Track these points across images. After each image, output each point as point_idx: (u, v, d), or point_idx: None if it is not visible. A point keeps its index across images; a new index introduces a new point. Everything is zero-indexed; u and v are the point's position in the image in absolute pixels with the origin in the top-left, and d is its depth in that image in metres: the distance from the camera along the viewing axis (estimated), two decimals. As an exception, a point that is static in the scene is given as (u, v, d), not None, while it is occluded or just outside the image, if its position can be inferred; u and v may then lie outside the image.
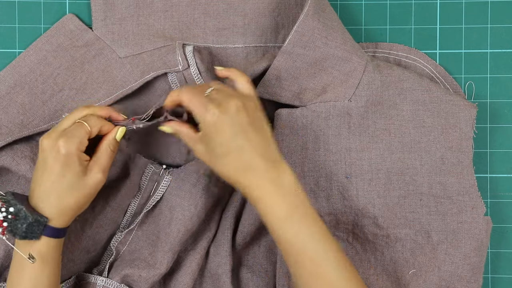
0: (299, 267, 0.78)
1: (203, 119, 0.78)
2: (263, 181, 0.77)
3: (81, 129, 0.80)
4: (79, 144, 0.79)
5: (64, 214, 0.80)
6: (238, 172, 0.78)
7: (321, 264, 0.77)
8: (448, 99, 0.92)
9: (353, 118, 0.92)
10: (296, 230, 0.77)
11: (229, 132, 0.77)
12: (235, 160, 0.78)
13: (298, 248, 0.77)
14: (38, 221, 0.79)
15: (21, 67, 0.93)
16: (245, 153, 0.77)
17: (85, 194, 0.81)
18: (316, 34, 0.89)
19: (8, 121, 0.91)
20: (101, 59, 0.94)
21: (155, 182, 0.91)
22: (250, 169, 0.77)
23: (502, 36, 0.97)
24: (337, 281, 0.77)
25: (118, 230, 0.92)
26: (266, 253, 0.93)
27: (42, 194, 0.80)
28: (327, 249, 0.78)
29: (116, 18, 0.95)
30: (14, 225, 0.78)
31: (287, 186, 0.78)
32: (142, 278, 0.88)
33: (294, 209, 0.77)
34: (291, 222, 0.77)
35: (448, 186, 0.91)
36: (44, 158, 0.80)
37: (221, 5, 0.95)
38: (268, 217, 0.78)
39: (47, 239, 0.80)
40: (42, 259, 0.80)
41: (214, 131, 0.77)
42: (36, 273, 0.80)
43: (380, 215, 0.91)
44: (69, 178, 0.79)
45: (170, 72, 0.91)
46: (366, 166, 0.92)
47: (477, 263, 0.91)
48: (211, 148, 0.78)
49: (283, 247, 0.78)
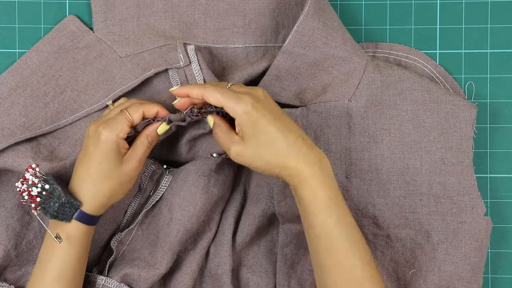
0: (330, 254, 0.78)
1: (238, 111, 0.78)
2: (307, 164, 0.78)
3: (122, 117, 0.81)
4: (119, 131, 0.81)
5: (98, 200, 0.81)
6: (283, 156, 0.78)
7: (352, 256, 0.78)
8: (448, 99, 0.92)
9: (353, 118, 0.92)
10: (335, 218, 0.78)
11: (267, 118, 0.78)
12: (279, 145, 0.78)
13: (335, 238, 0.78)
14: (71, 203, 0.80)
15: (23, 69, 0.93)
16: (288, 136, 0.78)
17: (120, 182, 0.82)
18: (316, 34, 0.89)
19: (10, 123, 0.91)
20: (102, 60, 0.94)
21: (155, 182, 0.91)
22: (293, 151, 0.78)
23: (502, 36, 0.97)
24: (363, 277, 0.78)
25: (118, 229, 0.92)
26: (266, 253, 0.93)
27: (78, 178, 0.82)
28: (358, 241, 0.79)
29: (116, 19, 0.95)
30: (47, 202, 0.80)
31: (327, 169, 0.79)
32: (141, 277, 0.88)
33: (334, 194, 0.78)
34: (331, 207, 0.78)
35: (448, 186, 0.91)
36: (86, 144, 0.82)
37: (221, 5, 0.95)
38: (310, 204, 0.78)
39: (77, 223, 0.81)
40: (71, 242, 0.81)
41: (252, 120, 0.78)
42: (64, 255, 0.81)
43: (380, 215, 0.91)
44: (106, 165, 0.81)
45: (171, 69, 0.91)
46: (366, 166, 0.92)
47: (477, 263, 0.91)
48: (254, 141, 0.78)
49: (317, 232, 0.78)
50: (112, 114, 0.83)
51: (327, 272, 0.79)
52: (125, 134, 0.82)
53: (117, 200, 0.84)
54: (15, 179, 0.91)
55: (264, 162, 0.79)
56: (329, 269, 0.78)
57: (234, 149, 0.80)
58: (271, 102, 0.80)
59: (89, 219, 0.82)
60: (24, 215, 0.91)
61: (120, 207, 0.91)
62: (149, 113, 0.83)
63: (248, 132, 0.78)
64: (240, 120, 0.78)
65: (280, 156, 0.78)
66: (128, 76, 0.92)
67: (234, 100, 0.78)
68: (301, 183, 0.78)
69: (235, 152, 0.80)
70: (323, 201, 0.78)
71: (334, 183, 0.79)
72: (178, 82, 0.91)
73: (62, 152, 0.90)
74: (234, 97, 0.78)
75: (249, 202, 0.92)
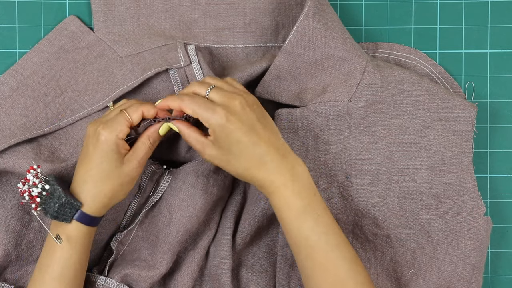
0: (311, 262, 0.78)
1: (213, 123, 0.78)
2: (279, 174, 0.78)
3: (121, 118, 0.81)
4: (119, 132, 0.81)
5: (98, 202, 0.81)
6: (255, 168, 0.79)
7: (333, 259, 0.78)
8: (448, 99, 0.91)
9: (353, 118, 0.92)
10: (311, 224, 0.78)
11: (240, 130, 0.78)
12: (251, 156, 0.78)
13: (312, 242, 0.78)
14: (71, 204, 0.80)
15: (23, 69, 0.93)
16: (259, 148, 0.78)
17: (121, 183, 0.82)
18: (316, 34, 0.89)
19: (11, 123, 0.91)
20: (102, 60, 0.94)
21: (155, 182, 0.91)
22: (265, 163, 0.78)
23: (502, 36, 0.96)
24: (347, 276, 0.78)
25: (118, 230, 0.92)
26: (266, 253, 0.93)
27: (79, 180, 0.82)
28: (339, 244, 0.79)
29: (116, 19, 0.95)
30: (47, 202, 0.80)
31: (301, 178, 0.79)
32: (141, 277, 0.88)
33: (309, 202, 0.79)
34: (306, 215, 0.78)
35: (448, 186, 0.91)
36: (86, 144, 0.82)
37: (222, 5, 0.95)
38: (283, 210, 0.79)
39: (78, 224, 0.81)
40: (71, 243, 0.81)
41: (226, 132, 0.78)
42: (65, 257, 0.81)
43: (380, 215, 0.91)
44: (106, 165, 0.81)
45: (172, 68, 0.91)
46: (366, 166, 0.92)
47: (477, 263, 0.91)
48: (226, 150, 0.79)
49: (295, 241, 0.79)
50: (112, 114, 0.83)
51: (310, 276, 0.79)
52: (125, 134, 0.82)
53: (118, 201, 0.84)
54: (15, 180, 0.91)
55: (235, 170, 0.80)
56: (312, 273, 0.79)
57: (208, 152, 0.80)
58: (247, 112, 0.79)
59: (90, 220, 0.82)
60: (24, 215, 0.91)
61: (120, 207, 0.91)
62: (149, 114, 0.83)
63: (221, 142, 0.79)
64: (213, 131, 0.79)
65: (251, 168, 0.79)
66: (128, 76, 0.92)
67: (209, 112, 0.78)
68: (273, 193, 0.79)
69: (208, 155, 0.80)
70: (295, 209, 0.78)
71: (309, 191, 0.79)
72: (179, 82, 0.91)
73: (63, 153, 0.90)
74: (210, 110, 0.78)
75: (249, 202, 0.92)
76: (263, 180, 0.79)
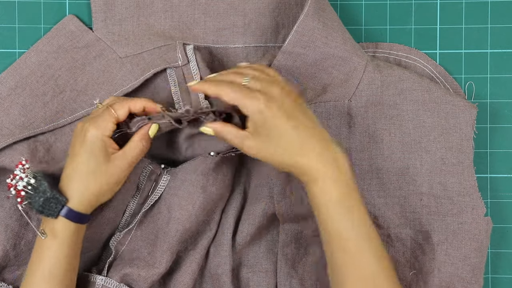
0: (342, 253, 0.78)
1: (253, 110, 0.78)
2: (320, 162, 0.78)
3: (107, 115, 0.81)
4: (104, 129, 0.81)
5: (85, 199, 0.81)
6: (297, 154, 0.78)
7: (365, 253, 0.78)
8: (448, 100, 0.92)
9: (353, 118, 0.92)
10: (348, 215, 0.78)
11: (280, 116, 0.77)
12: (292, 142, 0.78)
13: (346, 233, 0.78)
14: (57, 199, 0.80)
15: (22, 68, 0.93)
16: (300, 134, 0.78)
17: (107, 182, 0.82)
18: (316, 34, 0.89)
19: (9, 122, 0.91)
20: (101, 60, 0.94)
21: (154, 182, 0.91)
22: (306, 150, 0.78)
23: (502, 36, 0.97)
24: (377, 270, 0.78)
25: (117, 229, 0.92)
26: (266, 253, 0.93)
27: (66, 176, 0.82)
28: (372, 238, 0.78)
29: (116, 19, 0.95)
30: (32, 197, 0.80)
31: (343, 167, 0.78)
32: (141, 277, 0.87)
33: (348, 192, 0.78)
34: (343, 206, 0.78)
35: (449, 186, 0.91)
36: (74, 143, 0.82)
37: (221, 5, 0.95)
38: (321, 199, 0.78)
39: (66, 221, 0.81)
40: (58, 240, 0.81)
41: (265, 118, 0.77)
42: (53, 254, 0.81)
43: (380, 215, 0.91)
44: (92, 163, 0.81)
45: (170, 68, 0.91)
46: (366, 166, 0.92)
47: (477, 264, 0.90)
48: (265, 137, 0.78)
49: (330, 231, 0.78)
50: (99, 111, 0.83)
51: (339, 268, 0.78)
52: (111, 131, 0.81)
53: (106, 199, 0.84)
54: (8, 178, 0.91)
55: (276, 158, 0.79)
56: (342, 266, 0.78)
57: (247, 143, 0.79)
58: (286, 100, 0.79)
59: (78, 217, 0.81)
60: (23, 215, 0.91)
61: (118, 207, 0.91)
62: (135, 108, 0.83)
63: (261, 129, 0.78)
64: (252, 118, 0.78)
65: (292, 154, 0.78)
66: (128, 77, 0.92)
67: (248, 99, 0.78)
68: (312, 181, 0.78)
69: (247, 146, 0.80)
70: (334, 199, 0.77)
71: (349, 182, 0.78)
72: (176, 81, 0.91)
73: (58, 150, 0.90)
74: (248, 96, 0.78)
75: (249, 202, 0.92)
76: (306, 166, 0.78)
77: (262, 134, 0.78)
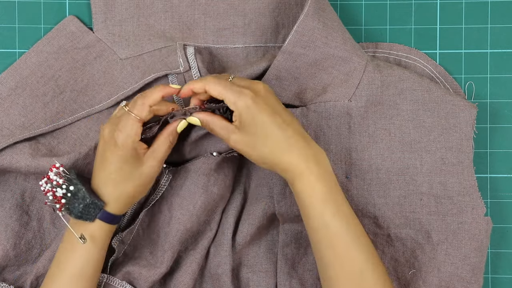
0: (331, 250, 0.78)
1: (240, 105, 0.79)
2: (304, 159, 0.79)
3: (133, 121, 0.81)
4: (134, 135, 0.81)
5: (121, 201, 0.83)
6: (280, 151, 0.79)
7: (353, 249, 0.78)
8: (448, 99, 0.92)
9: (353, 118, 0.92)
10: (333, 211, 0.78)
11: (267, 112, 0.79)
12: (276, 139, 0.79)
13: (333, 229, 0.78)
14: (95, 204, 0.81)
15: (22, 69, 0.93)
16: (285, 131, 0.79)
17: (142, 184, 0.83)
18: (316, 34, 0.89)
19: (10, 123, 0.91)
20: (102, 61, 0.94)
21: (155, 181, 0.91)
22: (291, 146, 0.79)
23: (502, 36, 0.97)
24: (366, 266, 0.78)
25: (119, 229, 0.92)
26: (266, 253, 0.93)
27: (99, 182, 0.82)
28: (359, 235, 0.79)
29: (116, 20, 0.95)
30: (72, 203, 0.81)
31: (324, 164, 0.79)
32: (142, 276, 0.88)
33: (330, 189, 0.79)
34: (328, 202, 0.78)
35: (449, 186, 0.91)
36: (103, 150, 0.82)
37: (221, 5, 0.95)
38: (307, 195, 0.79)
39: (101, 223, 0.82)
40: (94, 242, 0.82)
41: (252, 114, 0.78)
42: (86, 255, 0.82)
43: (380, 215, 0.91)
44: (126, 169, 0.81)
45: (171, 74, 0.91)
46: (366, 166, 0.92)
47: (477, 264, 0.90)
48: (251, 133, 0.79)
49: (317, 228, 0.79)
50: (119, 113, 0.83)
51: (327, 264, 0.79)
52: (139, 135, 0.82)
53: (142, 197, 0.85)
54: (13, 180, 0.91)
55: (259, 154, 0.80)
56: (329, 262, 0.79)
57: (233, 137, 0.80)
58: (271, 97, 0.81)
59: (113, 218, 0.83)
60: (23, 215, 0.91)
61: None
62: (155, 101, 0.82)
63: (247, 125, 0.79)
64: (239, 113, 0.79)
65: (276, 150, 0.79)
66: (128, 79, 0.92)
67: (235, 94, 0.79)
68: (296, 177, 0.79)
69: (233, 140, 0.80)
70: (319, 194, 0.78)
71: (331, 177, 0.79)
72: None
73: (60, 152, 0.90)
74: (235, 91, 0.79)
75: (249, 202, 0.92)
76: (288, 163, 0.79)
77: (249, 131, 0.79)
